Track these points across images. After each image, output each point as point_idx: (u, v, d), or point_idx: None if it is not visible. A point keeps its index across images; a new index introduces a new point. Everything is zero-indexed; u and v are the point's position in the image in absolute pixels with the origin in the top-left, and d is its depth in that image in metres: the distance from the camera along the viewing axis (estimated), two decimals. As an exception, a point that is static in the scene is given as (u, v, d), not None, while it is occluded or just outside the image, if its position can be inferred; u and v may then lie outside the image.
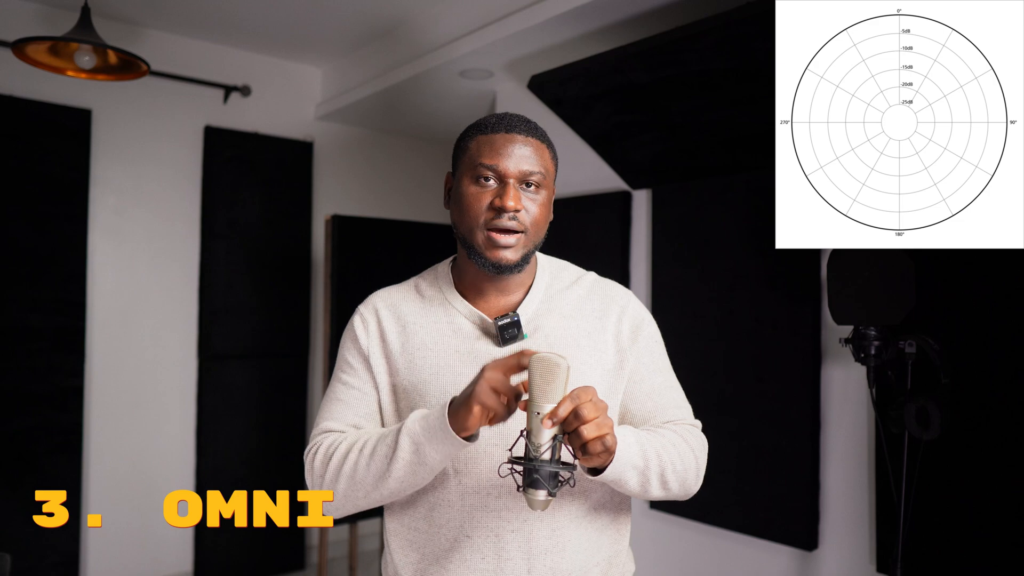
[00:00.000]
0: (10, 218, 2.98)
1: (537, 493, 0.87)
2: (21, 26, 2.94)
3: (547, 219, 1.11)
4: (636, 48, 2.09)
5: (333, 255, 3.13)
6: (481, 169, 1.05)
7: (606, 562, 1.12)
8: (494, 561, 1.04)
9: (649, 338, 1.17)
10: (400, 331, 1.13)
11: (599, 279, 1.21)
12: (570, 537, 1.07)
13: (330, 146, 4.00)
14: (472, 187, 1.06)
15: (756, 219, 2.22)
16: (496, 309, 1.12)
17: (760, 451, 2.18)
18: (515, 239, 1.05)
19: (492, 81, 3.22)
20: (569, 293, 1.16)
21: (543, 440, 0.86)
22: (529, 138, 1.07)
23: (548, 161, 1.10)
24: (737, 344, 2.27)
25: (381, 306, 1.16)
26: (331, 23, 3.27)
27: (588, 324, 1.13)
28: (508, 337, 1.08)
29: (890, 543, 1.80)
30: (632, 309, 1.17)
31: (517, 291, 1.14)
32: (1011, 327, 1.67)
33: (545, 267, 1.19)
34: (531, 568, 1.04)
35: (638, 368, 1.14)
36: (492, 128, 1.07)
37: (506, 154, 1.04)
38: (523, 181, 1.05)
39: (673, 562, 2.47)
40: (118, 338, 3.30)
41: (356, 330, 1.15)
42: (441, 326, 1.12)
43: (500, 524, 1.04)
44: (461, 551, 1.05)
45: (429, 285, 1.18)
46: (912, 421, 1.63)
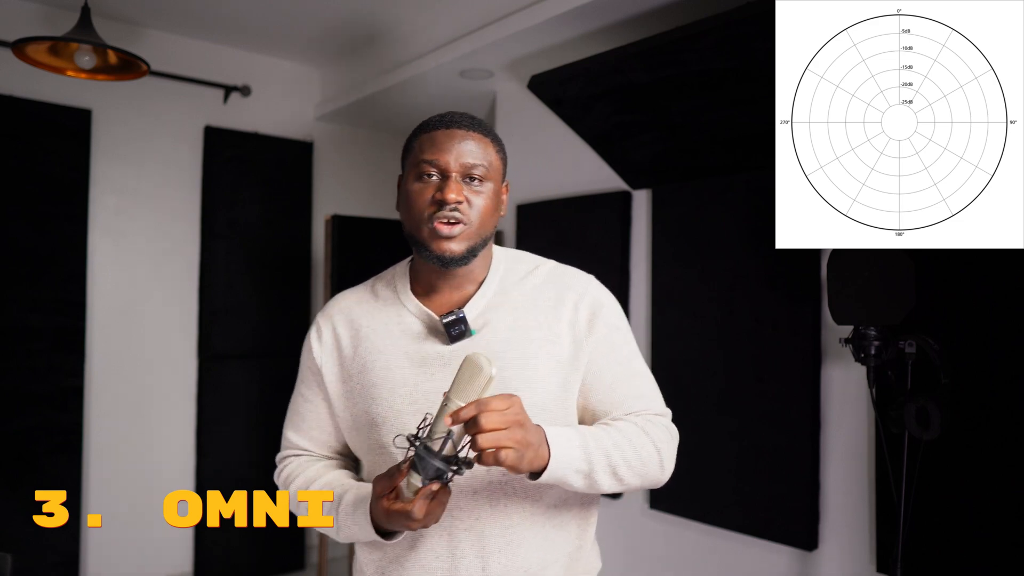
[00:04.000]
0: (10, 218, 2.98)
1: (416, 478, 0.88)
2: (21, 26, 2.94)
3: (495, 212, 1.10)
4: (636, 48, 2.09)
5: (333, 255, 3.13)
6: (423, 166, 1.06)
7: (567, 558, 1.10)
8: (448, 560, 1.04)
9: (608, 326, 1.14)
10: (353, 336, 1.14)
11: (557, 267, 1.19)
12: (524, 535, 1.06)
13: (330, 146, 4.00)
14: (416, 184, 1.07)
15: (756, 219, 2.22)
16: (448, 305, 1.11)
17: (760, 451, 2.18)
18: (458, 229, 1.04)
19: (492, 81, 3.22)
20: (523, 285, 1.14)
21: (438, 431, 0.87)
22: (471, 132, 1.08)
23: (492, 155, 1.09)
24: (737, 344, 2.27)
25: (335, 312, 1.18)
26: (331, 23, 3.27)
27: (541, 315, 1.10)
28: (455, 334, 1.06)
29: (890, 543, 1.80)
30: (590, 297, 1.15)
31: (470, 286, 1.13)
32: (1011, 327, 1.67)
33: (500, 259, 1.17)
34: (485, 566, 1.04)
35: (596, 359, 1.11)
36: (434, 126, 1.09)
37: (447, 149, 1.05)
38: (466, 175, 1.06)
39: (673, 562, 2.47)
40: (118, 338, 3.30)
41: (311, 341, 1.17)
42: (391, 327, 1.12)
43: (453, 523, 1.04)
44: (417, 551, 1.06)
45: (385, 286, 1.18)
46: (912, 421, 1.63)
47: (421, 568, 1.05)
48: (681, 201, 2.49)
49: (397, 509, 0.90)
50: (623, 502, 2.64)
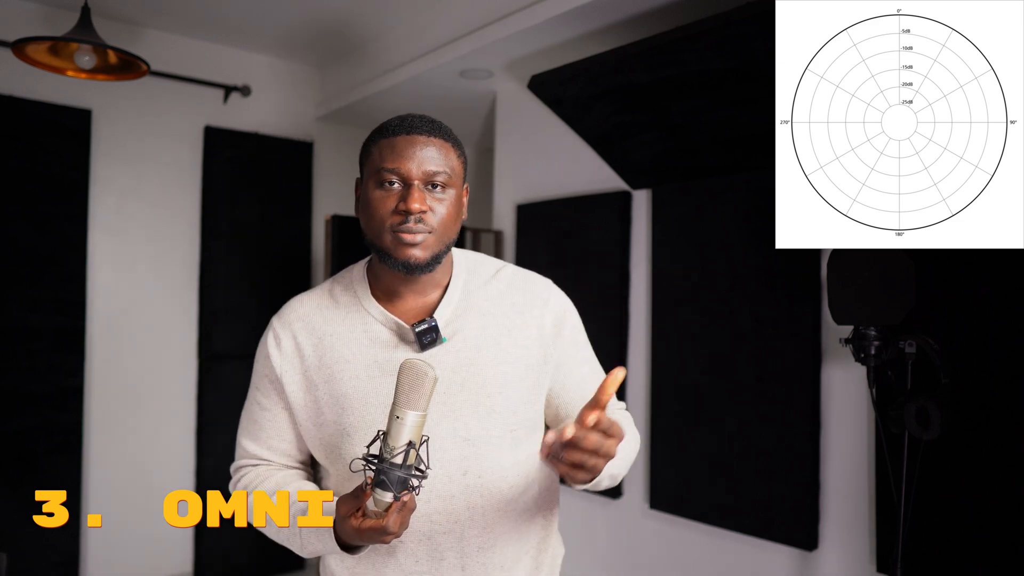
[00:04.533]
0: (10, 218, 2.98)
1: (384, 495, 0.87)
2: (21, 26, 2.94)
3: (457, 217, 1.09)
4: (636, 48, 2.09)
5: (333, 255, 3.13)
6: (384, 173, 1.04)
7: (536, 549, 1.14)
8: (428, 563, 1.05)
9: (573, 329, 1.19)
10: (316, 344, 1.11)
11: (517, 271, 1.20)
12: (501, 532, 1.08)
13: (330, 146, 4.00)
14: (377, 191, 1.05)
15: (756, 219, 2.22)
16: (413, 311, 1.11)
17: (760, 451, 2.18)
18: (422, 237, 1.03)
19: (492, 81, 3.22)
20: (487, 289, 1.14)
21: (399, 444, 0.86)
22: (432, 138, 1.06)
23: (454, 160, 1.08)
24: (737, 344, 2.27)
25: (294, 319, 1.15)
26: (331, 23, 3.27)
27: (508, 320, 1.12)
28: (427, 342, 1.06)
29: (890, 543, 1.80)
30: (554, 302, 1.17)
31: (433, 291, 1.12)
32: (1011, 327, 1.67)
33: (461, 263, 1.17)
34: (465, 566, 1.06)
35: (564, 360, 1.15)
36: (394, 131, 1.06)
37: (408, 156, 1.03)
38: (427, 182, 1.04)
39: (673, 562, 2.47)
40: (118, 338, 3.30)
41: (269, 349, 1.14)
42: (357, 335, 1.10)
43: (432, 527, 1.05)
44: (396, 556, 1.06)
45: (344, 290, 1.16)
46: (912, 421, 1.63)
47: (401, 571, 1.06)
48: (681, 201, 2.49)
49: (369, 527, 0.89)
50: (623, 502, 2.64)
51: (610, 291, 2.68)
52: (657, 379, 2.49)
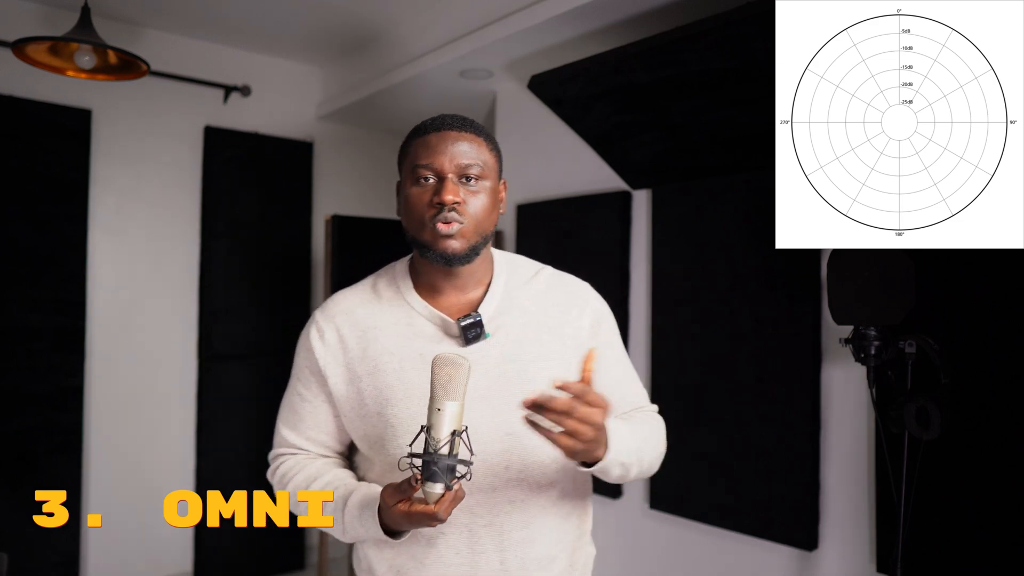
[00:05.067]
0: (10, 218, 2.98)
1: (435, 487, 0.89)
2: (21, 26, 2.94)
3: (493, 209, 1.12)
4: (636, 48, 2.09)
5: (333, 255, 3.13)
6: (419, 170, 1.08)
7: (570, 547, 1.16)
8: (468, 555, 1.07)
9: (609, 331, 1.22)
10: (360, 336, 1.13)
11: (556, 273, 1.23)
12: (539, 527, 1.10)
13: (330, 146, 4.00)
14: (414, 188, 1.09)
15: (756, 219, 2.22)
16: (455, 307, 1.13)
17: (760, 451, 2.18)
18: (457, 228, 1.06)
19: (492, 81, 3.22)
20: (528, 288, 1.18)
21: (442, 435, 0.89)
22: (463, 133, 1.09)
23: (486, 153, 1.11)
24: (737, 344, 2.27)
25: (338, 312, 1.17)
26: (331, 23, 3.27)
27: (549, 319, 1.15)
28: (471, 337, 1.08)
29: (890, 543, 1.80)
30: (592, 303, 1.21)
31: (475, 288, 1.15)
32: (1011, 327, 1.67)
33: (502, 263, 1.20)
34: (503, 560, 1.07)
35: (600, 361, 1.16)
36: (427, 129, 1.10)
37: (440, 151, 1.07)
38: (461, 175, 1.07)
39: (673, 562, 2.47)
40: (118, 338, 3.30)
41: (312, 341, 1.16)
42: (401, 328, 1.12)
43: (473, 520, 1.07)
44: (436, 547, 1.08)
45: (387, 285, 1.18)
46: (912, 421, 1.63)
47: (441, 564, 1.07)
48: (681, 201, 2.49)
49: (419, 511, 0.91)
50: (623, 502, 2.64)
51: (610, 291, 2.66)
52: (657, 379, 2.49)
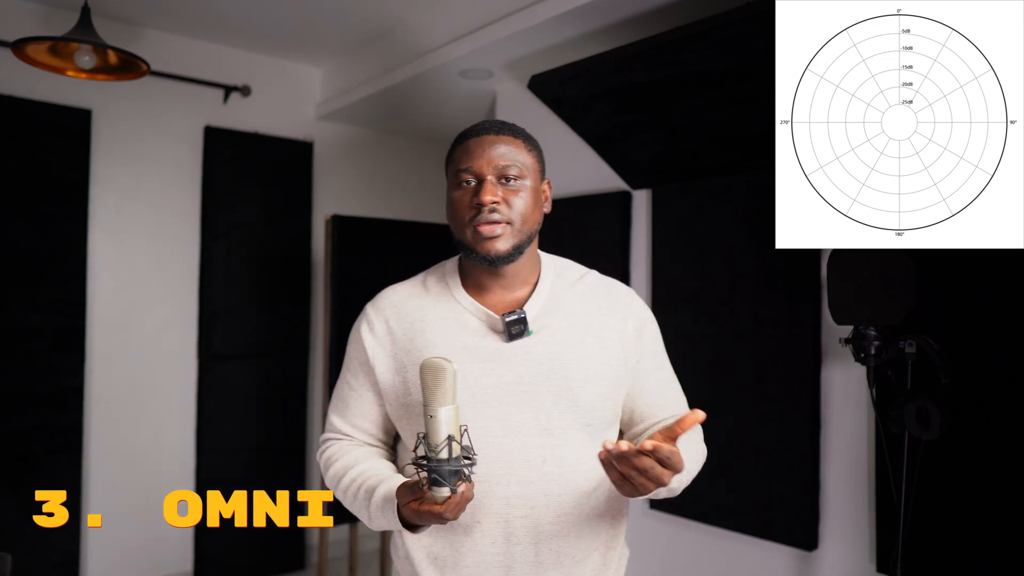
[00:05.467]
0: (10, 218, 2.98)
1: (440, 491, 0.92)
2: (21, 26, 2.94)
3: (536, 208, 1.15)
4: (636, 48, 2.09)
5: (333, 255, 3.13)
6: (460, 174, 1.12)
7: (604, 545, 1.18)
8: (504, 545, 1.10)
9: (652, 336, 1.24)
10: (407, 328, 1.17)
11: (602, 277, 1.26)
12: (574, 523, 1.12)
13: (330, 146, 4.00)
14: (456, 192, 1.13)
15: (756, 219, 2.22)
16: (501, 305, 1.16)
17: (760, 451, 2.18)
18: (500, 229, 1.10)
19: (492, 81, 3.22)
20: (573, 291, 1.20)
21: (439, 441, 0.91)
22: (500, 136, 1.14)
23: (525, 154, 1.15)
24: (737, 344, 2.27)
25: (387, 305, 1.21)
26: (331, 23, 3.27)
27: (593, 322, 1.17)
28: (515, 333, 1.11)
29: (890, 543, 1.80)
30: (636, 308, 1.23)
31: (521, 288, 1.18)
32: (1011, 327, 1.67)
33: (549, 265, 1.23)
34: (538, 552, 1.10)
35: (642, 365, 1.20)
36: (467, 136, 1.16)
37: (479, 155, 1.12)
38: (500, 176, 1.11)
39: (673, 562, 2.47)
40: (118, 338, 3.30)
41: (362, 332, 1.21)
42: (448, 322, 1.16)
43: (509, 510, 1.09)
44: (473, 536, 1.11)
45: (436, 281, 1.22)
46: (912, 421, 1.63)
47: (477, 553, 1.11)
48: (681, 201, 2.49)
49: (427, 510, 0.95)
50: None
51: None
52: (657, 379, 2.49)
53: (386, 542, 3.21)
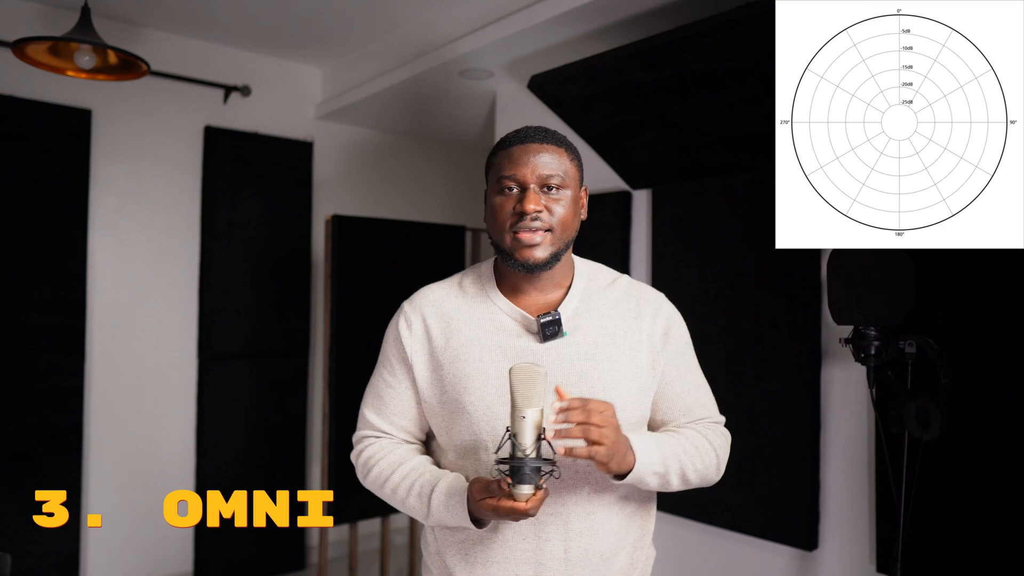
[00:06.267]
0: (10, 218, 2.98)
1: (524, 488, 0.95)
2: (21, 26, 2.94)
3: (575, 216, 1.18)
4: (636, 48, 2.09)
5: (333, 255, 3.13)
6: (503, 180, 1.15)
7: (632, 546, 1.20)
8: (534, 542, 1.12)
9: (680, 340, 1.26)
10: (444, 327, 1.20)
11: (632, 282, 1.30)
12: (603, 521, 1.15)
13: (330, 146, 4.00)
14: (498, 198, 1.16)
15: (756, 219, 2.22)
16: (536, 307, 1.19)
17: (760, 451, 2.18)
18: (540, 236, 1.12)
19: (492, 81, 3.22)
20: (606, 294, 1.23)
21: (528, 440, 0.95)
22: (544, 144, 1.15)
23: (567, 163, 1.17)
24: (737, 344, 2.27)
25: (425, 304, 1.24)
26: (331, 23, 3.27)
27: (624, 324, 1.20)
28: (549, 334, 1.14)
29: (890, 543, 1.80)
30: (665, 312, 1.26)
31: (555, 291, 1.21)
32: (1011, 327, 1.67)
33: (582, 269, 1.26)
34: (567, 549, 1.12)
35: (669, 369, 1.23)
36: (510, 143, 1.17)
37: (523, 163, 1.13)
38: (543, 185, 1.14)
39: (673, 562, 2.47)
40: (118, 338, 3.30)
41: (400, 330, 1.23)
42: (484, 322, 1.19)
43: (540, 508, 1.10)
44: (503, 533, 1.13)
45: (472, 283, 1.25)
46: (912, 421, 1.63)
47: (508, 549, 1.13)
48: (681, 201, 2.49)
49: (508, 507, 0.98)
50: (623, 502, 2.64)
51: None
52: (657, 379, 2.49)
53: (386, 542, 3.21)
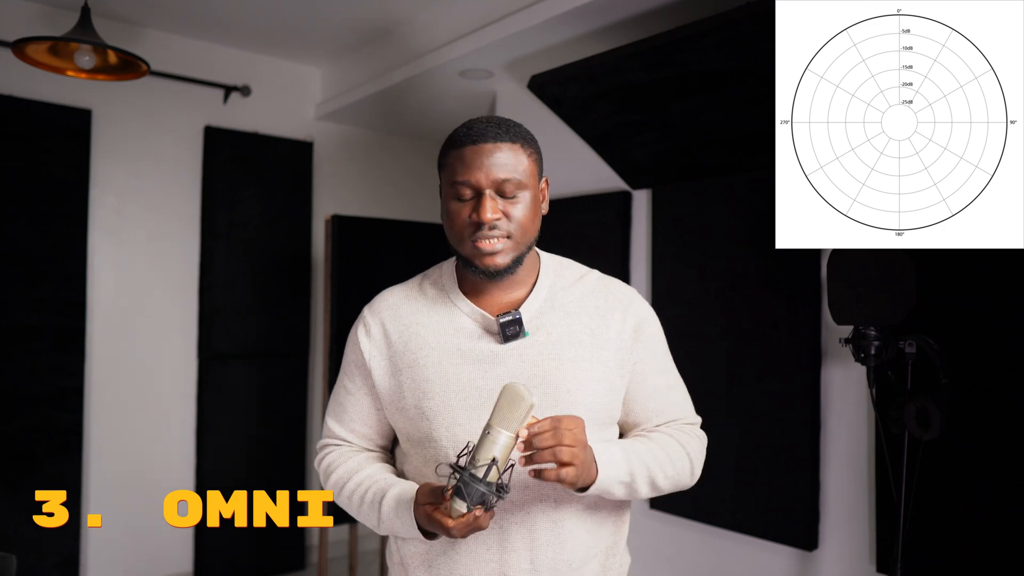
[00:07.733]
0: (10, 218, 2.98)
1: (459, 503, 0.91)
2: (21, 26, 2.94)
3: (535, 216, 1.11)
4: (636, 48, 2.09)
5: (333, 255, 3.13)
6: (457, 187, 1.07)
7: (604, 553, 1.15)
8: (498, 552, 1.08)
9: (651, 337, 1.19)
10: (403, 331, 1.15)
11: (602, 277, 1.22)
12: (571, 530, 1.10)
13: (330, 146, 4.00)
14: (453, 203, 1.08)
15: (756, 219, 2.22)
16: (498, 307, 1.14)
17: (760, 451, 2.18)
18: (501, 244, 1.07)
19: (492, 81, 3.22)
20: (572, 291, 1.17)
21: (483, 458, 0.90)
22: (498, 143, 1.06)
23: (524, 159, 1.08)
24: (737, 344, 2.27)
25: (384, 308, 1.19)
26: (331, 23, 3.27)
27: (591, 322, 1.14)
28: (510, 335, 1.09)
29: (890, 543, 1.80)
30: (635, 308, 1.18)
31: (519, 289, 1.15)
32: (1011, 327, 1.67)
33: (548, 265, 1.20)
34: (533, 559, 1.08)
35: (640, 368, 1.16)
36: (461, 142, 1.08)
37: (476, 166, 1.05)
38: (499, 190, 1.06)
39: (673, 562, 2.47)
40: (118, 338, 3.30)
41: (359, 336, 1.19)
42: (443, 325, 1.14)
43: (504, 516, 1.07)
44: (467, 543, 1.08)
45: (432, 284, 1.20)
46: (912, 421, 1.63)
47: (472, 558, 1.09)
48: (681, 201, 2.49)
49: (437, 519, 0.94)
50: (623, 502, 2.64)
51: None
52: (657, 379, 2.49)
53: (385, 543, 3.21)
